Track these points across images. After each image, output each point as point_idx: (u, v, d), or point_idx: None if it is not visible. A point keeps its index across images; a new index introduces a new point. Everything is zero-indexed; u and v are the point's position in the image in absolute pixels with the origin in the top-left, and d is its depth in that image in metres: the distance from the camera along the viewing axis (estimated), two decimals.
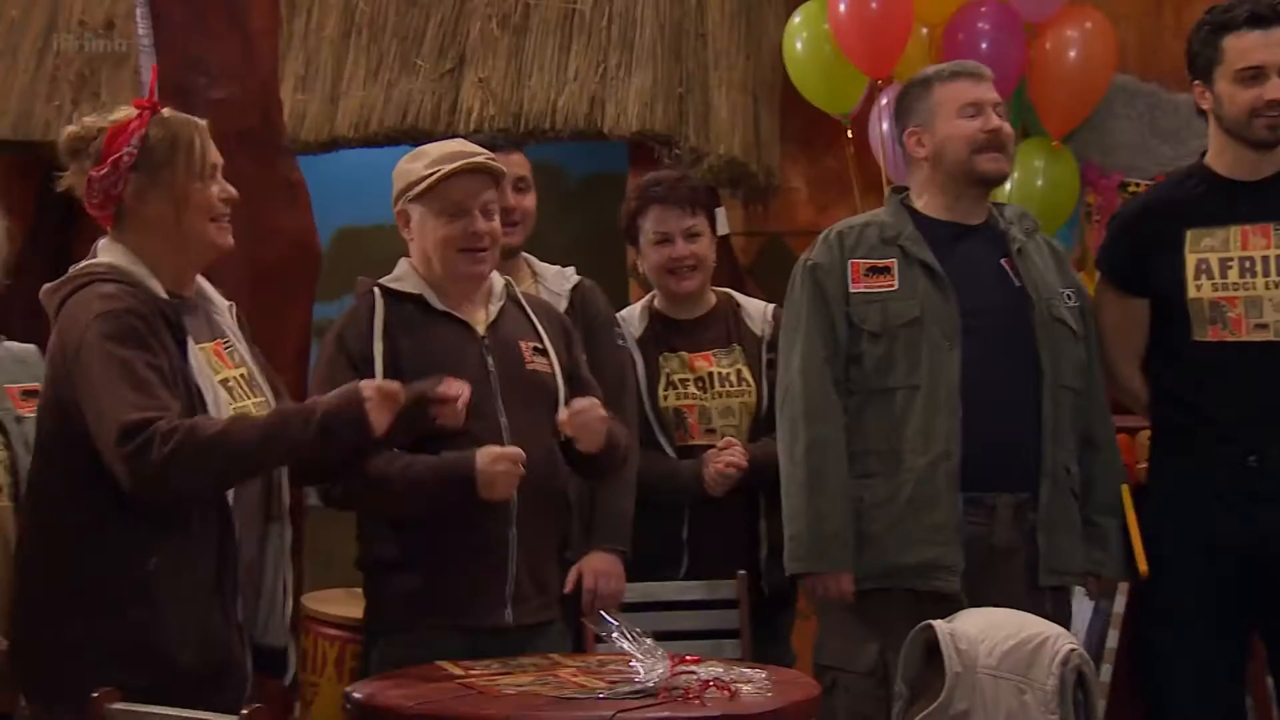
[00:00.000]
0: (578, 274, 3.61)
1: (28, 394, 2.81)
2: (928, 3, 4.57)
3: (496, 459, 2.85)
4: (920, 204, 3.30)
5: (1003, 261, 3.25)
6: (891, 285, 3.18)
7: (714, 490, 3.48)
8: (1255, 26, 3.21)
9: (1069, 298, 3.27)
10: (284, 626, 2.73)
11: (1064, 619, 3.13)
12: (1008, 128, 3.26)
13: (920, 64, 4.60)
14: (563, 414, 2.97)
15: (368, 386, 2.62)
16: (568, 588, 3.22)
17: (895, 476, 3.13)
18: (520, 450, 2.87)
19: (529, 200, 3.53)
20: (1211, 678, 3.29)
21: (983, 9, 4.58)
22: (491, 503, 2.87)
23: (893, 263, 3.19)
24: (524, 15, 4.98)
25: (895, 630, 2.83)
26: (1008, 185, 4.66)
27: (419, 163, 3.03)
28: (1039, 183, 4.71)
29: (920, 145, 3.28)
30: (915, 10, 4.55)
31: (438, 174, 2.98)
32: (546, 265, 3.58)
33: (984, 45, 4.51)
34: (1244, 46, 3.21)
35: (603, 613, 2.79)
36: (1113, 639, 2.99)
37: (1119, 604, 3.06)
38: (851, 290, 3.20)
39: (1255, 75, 3.21)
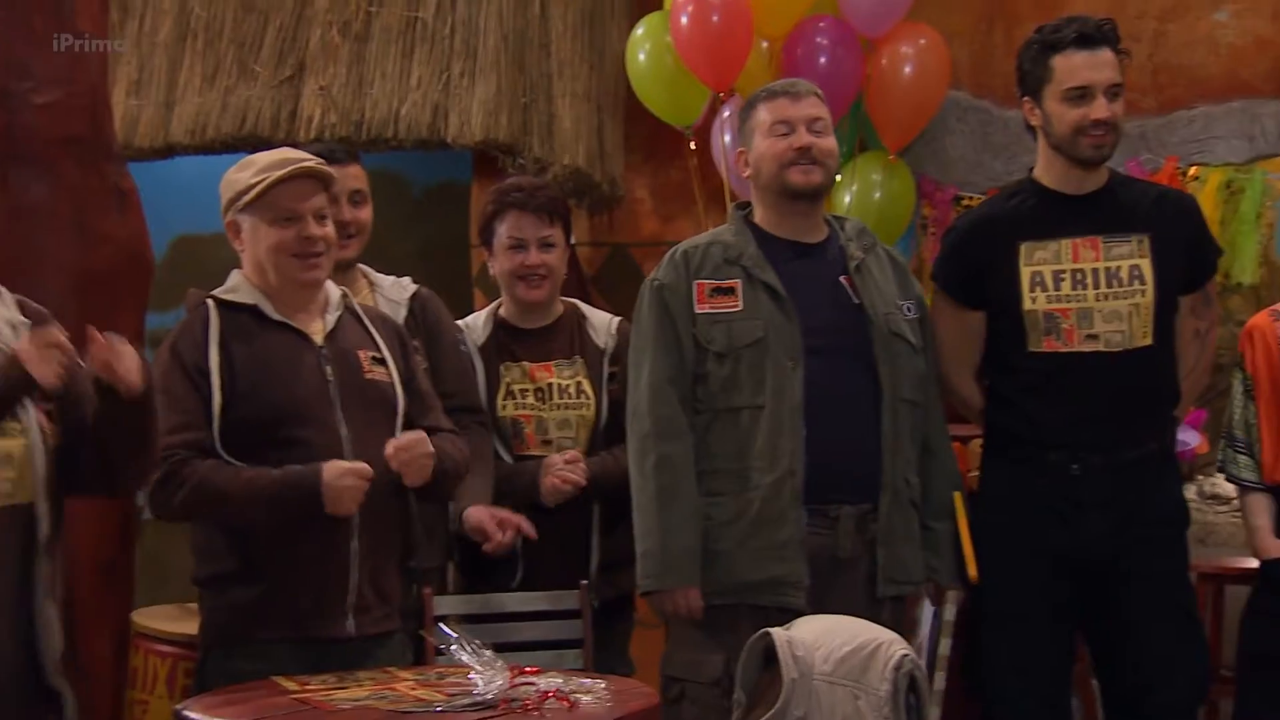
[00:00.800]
0: (421, 284, 3.58)
1: None
2: (767, 17, 4.61)
3: (344, 474, 2.83)
4: (760, 219, 3.33)
5: (841, 279, 3.28)
6: (736, 306, 3.20)
7: (547, 500, 3.47)
8: (1082, 47, 3.28)
9: (908, 310, 3.31)
10: (56, 667, 2.59)
11: (903, 628, 3.17)
12: (824, 143, 3.26)
13: (761, 77, 4.67)
14: (389, 448, 2.93)
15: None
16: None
17: (742, 495, 3.16)
18: (367, 466, 2.85)
19: (365, 213, 3.49)
20: (1039, 680, 3.36)
21: (821, 24, 4.64)
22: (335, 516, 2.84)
23: (737, 283, 3.21)
24: (365, 23, 4.93)
25: (741, 642, 2.85)
26: (847, 198, 4.77)
27: (246, 172, 2.99)
28: (876, 195, 4.78)
29: (746, 165, 3.33)
30: (755, 24, 4.59)
31: (266, 181, 2.94)
32: (383, 276, 3.54)
33: (822, 60, 4.58)
34: (1071, 66, 3.28)
35: (442, 625, 2.77)
36: (945, 646, 3.05)
37: (950, 611, 3.12)
38: (697, 311, 3.21)
39: (1082, 95, 3.28)
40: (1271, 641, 3.29)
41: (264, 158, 3.02)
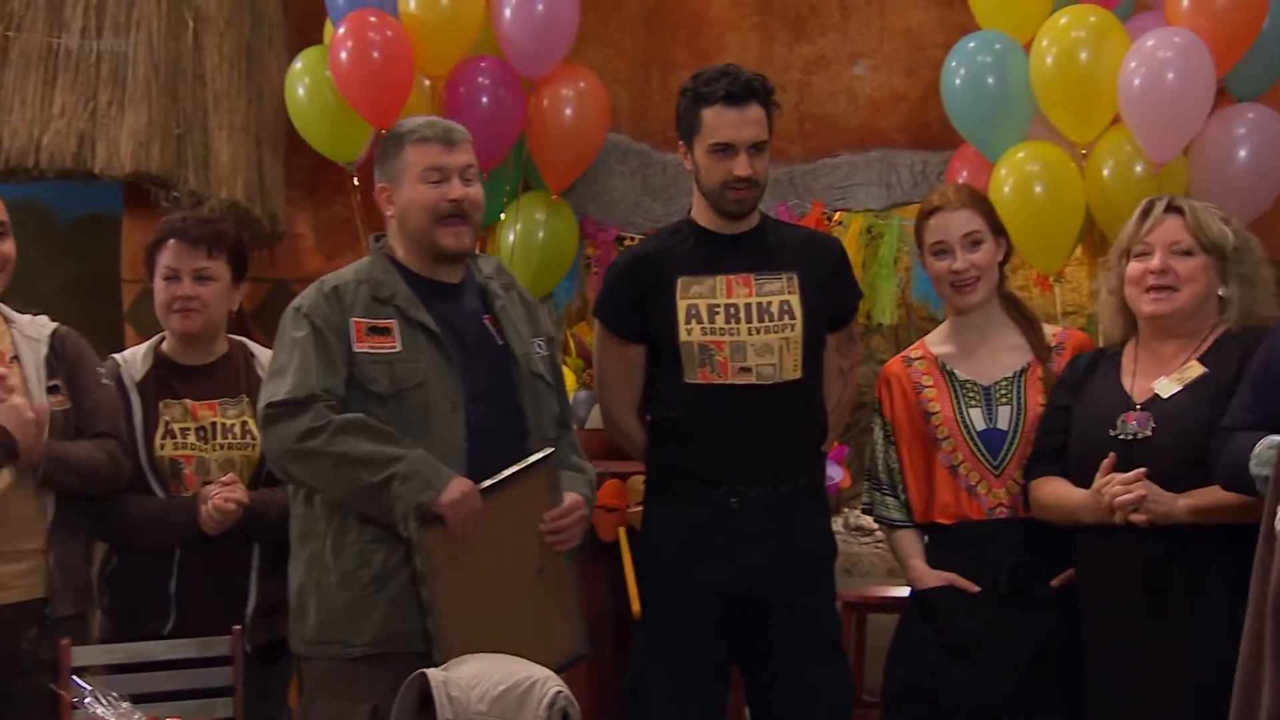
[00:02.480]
0: (70, 319, 3.45)
1: None
2: (428, 56, 4.60)
3: None
4: (402, 257, 3.25)
5: (485, 320, 3.26)
6: (394, 346, 3.10)
7: (209, 527, 3.35)
8: (730, 104, 3.37)
9: (540, 347, 3.30)
10: None
11: None
12: (474, 193, 3.22)
13: (424, 114, 4.67)
14: None
15: None
16: None
17: (397, 542, 3.05)
18: None
19: (7, 245, 3.32)
20: (695, 713, 3.43)
21: (482, 64, 4.65)
22: None
23: (393, 323, 3.12)
24: (2, 49, 4.68)
25: (388, 691, 2.80)
26: (510, 236, 4.79)
27: None
28: (540, 235, 4.82)
29: (390, 202, 3.25)
30: (416, 62, 4.57)
31: None
32: (19, 314, 3.38)
33: (484, 100, 4.59)
34: (718, 122, 3.37)
35: (75, 678, 2.64)
36: None
37: None
38: (356, 350, 3.09)
39: (726, 150, 3.38)
40: (920, 670, 3.40)
41: None
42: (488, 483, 3.05)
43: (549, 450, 3.17)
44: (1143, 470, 3.04)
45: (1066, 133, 4.36)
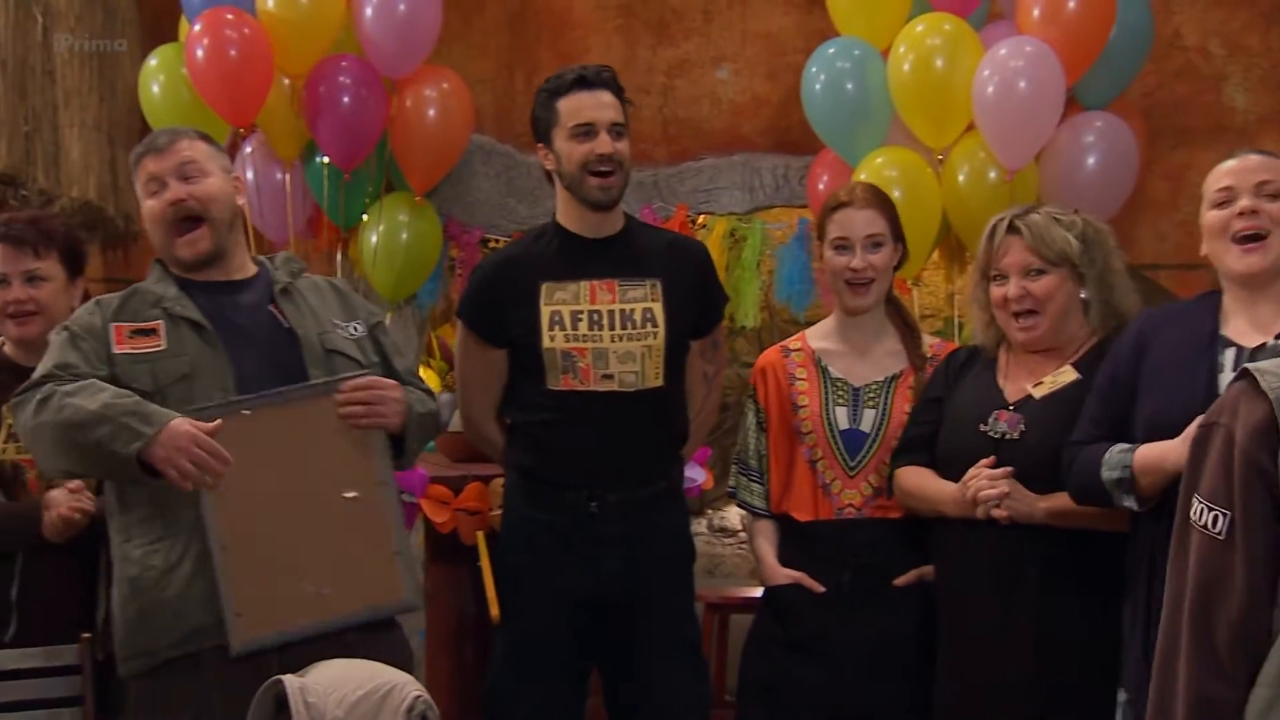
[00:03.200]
0: None
1: None
2: (287, 54, 4.54)
3: None
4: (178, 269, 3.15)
5: (270, 307, 3.14)
6: (159, 345, 3.00)
7: (52, 535, 3.26)
8: (583, 89, 3.41)
9: (354, 329, 3.18)
10: None
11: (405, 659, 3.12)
12: (201, 190, 3.07)
13: (284, 114, 4.61)
14: None
15: None
16: None
17: (178, 536, 2.92)
18: None
19: None
20: (555, 718, 3.44)
21: (343, 63, 4.60)
22: None
23: (159, 324, 3.02)
24: None
25: (207, 694, 2.75)
26: (374, 238, 4.75)
27: None
28: (404, 236, 4.79)
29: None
30: (276, 61, 4.51)
31: None
32: None
33: (345, 99, 4.54)
34: (575, 106, 3.40)
35: None
36: None
37: None
38: (116, 351, 2.98)
39: (586, 132, 3.39)
40: (773, 668, 3.44)
41: None
42: (239, 403, 2.89)
43: (352, 374, 3.03)
44: (1010, 469, 3.10)
45: (923, 139, 4.43)
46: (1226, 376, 2.78)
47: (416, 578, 3.12)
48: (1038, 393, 3.17)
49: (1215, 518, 2.20)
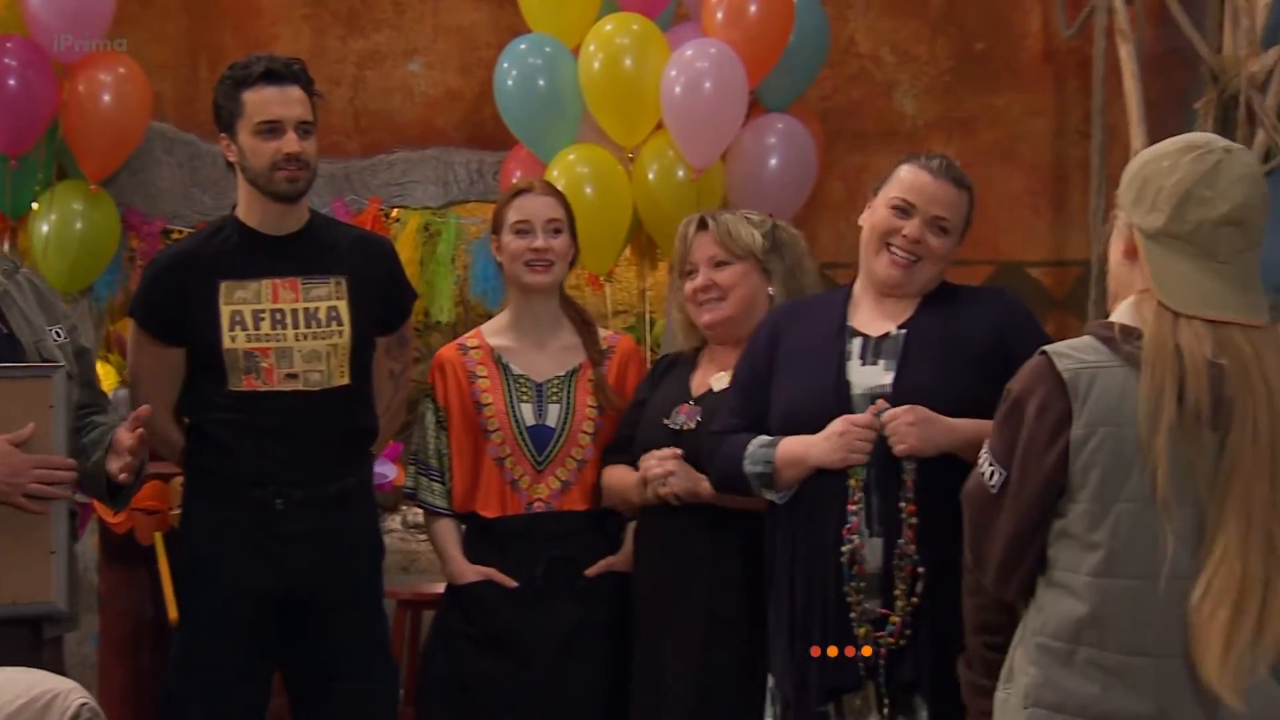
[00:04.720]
0: None
1: None
2: None
3: None
4: None
5: None
6: None
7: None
8: (271, 83, 3.31)
9: (58, 334, 3.14)
10: None
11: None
12: None
13: None
14: None
15: None
16: None
17: None
18: None
19: None
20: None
21: (8, 44, 4.41)
22: None
23: None
24: None
25: None
26: (45, 227, 4.55)
27: None
28: (78, 225, 4.63)
29: None
30: None
31: None
32: None
33: (11, 82, 4.36)
34: (261, 101, 3.30)
35: None
36: None
37: None
38: None
39: (273, 129, 3.30)
40: (462, 665, 3.43)
41: None
42: None
43: (49, 367, 3.00)
44: (678, 450, 3.19)
45: (614, 137, 4.50)
46: (854, 364, 2.93)
47: (75, 583, 3.03)
48: (717, 385, 3.27)
49: (993, 473, 2.31)
